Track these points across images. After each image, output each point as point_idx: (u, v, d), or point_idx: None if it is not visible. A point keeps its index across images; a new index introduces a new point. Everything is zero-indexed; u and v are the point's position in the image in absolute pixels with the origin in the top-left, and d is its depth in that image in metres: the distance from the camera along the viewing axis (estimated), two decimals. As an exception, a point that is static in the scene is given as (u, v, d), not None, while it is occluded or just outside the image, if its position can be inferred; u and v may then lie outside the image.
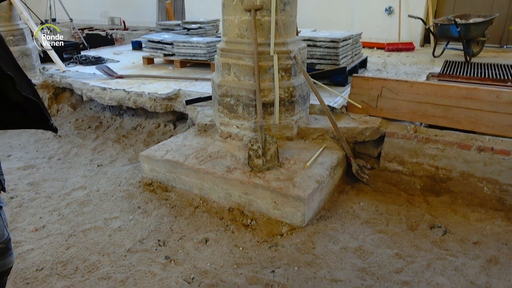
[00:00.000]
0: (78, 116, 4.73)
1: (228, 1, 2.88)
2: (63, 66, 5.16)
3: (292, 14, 2.93)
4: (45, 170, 3.51)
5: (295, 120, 3.06)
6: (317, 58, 4.06)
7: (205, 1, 7.98)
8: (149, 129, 4.25)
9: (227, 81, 3.01)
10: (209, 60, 4.85)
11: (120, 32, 9.25)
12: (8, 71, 1.23)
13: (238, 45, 2.91)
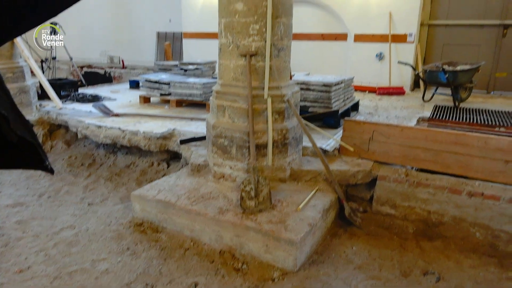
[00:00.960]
0: (72, 153, 4.73)
1: (225, 47, 2.99)
2: (59, 103, 5.22)
3: (286, 60, 3.04)
4: (34, 208, 3.45)
5: (288, 162, 3.09)
6: (310, 101, 4.16)
7: (202, 43, 8.25)
8: (142, 168, 4.25)
9: (221, 123, 3.06)
10: (204, 101, 4.95)
11: (119, 71, 9.47)
12: (3, 110, 1.25)
13: (233, 88, 2.99)
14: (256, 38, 2.85)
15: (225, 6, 2.91)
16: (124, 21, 10.08)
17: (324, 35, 7.08)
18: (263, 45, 2.86)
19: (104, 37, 10.45)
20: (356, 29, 6.71)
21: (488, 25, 6.16)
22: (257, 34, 2.84)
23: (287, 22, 2.96)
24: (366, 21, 6.59)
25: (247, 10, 2.81)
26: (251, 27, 2.83)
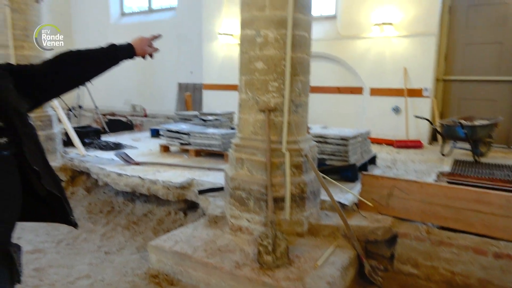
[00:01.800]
0: (91, 200, 4.81)
1: (245, 102, 3.11)
2: (83, 151, 5.41)
3: (304, 115, 3.13)
4: (52, 256, 3.48)
5: (306, 216, 3.07)
6: (327, 154, 4.20)
7: (220, 94, 8.55)
8: (159, 217, 4.27)
9: (240, 175, 3.11)
10: (223, 151, 5.04)
11: (140, 119, 9.80)
12: (35, 165, 1.32)
13: (252, 141, 3.07)
14: (275, 95, 2.96)
15: (245, 65, 3.07)
16: (148, 72, 10.59)
17: (340, 88, 7.27)
18: (281, 101, 2.96)
19: (128, 86, 10.96)
20: (372, 83, 6.88)
21: (503, 81, 6.23)
22: (276, 91, 2.96)
23: (304, 80, 3.08)
24: (381, 76, 6.76)
25: (267, 69, 2.95)
26: (270, 84, 2.96)
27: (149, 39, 1.75)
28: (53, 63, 1.50)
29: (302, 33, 2.94)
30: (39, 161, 1.34)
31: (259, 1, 2.86)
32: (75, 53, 1.56)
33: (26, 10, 5.11)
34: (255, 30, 2.92)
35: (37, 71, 1.46)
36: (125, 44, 1.67)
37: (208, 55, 8.71)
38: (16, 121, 1.24)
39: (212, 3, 8.41)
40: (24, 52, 5.14)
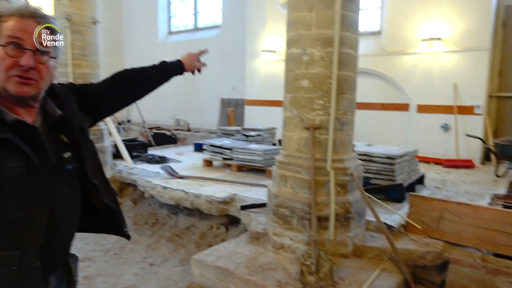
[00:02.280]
0: (138, 212, 4.98)
1: (289, 119, 3.12)
2: (131, 163, 5.64)
3: (349, 134, 3.08)
4: (100, 264, 3.62)
5: (350, 237, 3.00)
6: (372, 173, 4.09)
7: (262, 109, 8.63)
8: (202, 230, 4.33)
9: (283, 192, 3.10)
10: (265, 167, 5.06)
11: (184, 133, 10.09)
12: (94, 179, 1.37)
13: (296, 159, 3.06)
14: (320, 113, 2.95)
15: (291, 83, 3.09)
16: (192, 87, 10.93)
17: (385, 105, 7.10)
18: (326, 119, 2.94)
19: (173, 101, 11.36)
20: (419, 99, 6.66)
21: None
22: (321, 108, 2.95)
23: (351, 98, 3.05)
24: (429, 92, 6.54)
25: (312, 87, 2.95)
26: (316, 102, 2.95)
27: (197, 54, 1.82)
28: (110, 82, 1.59)
29: (349, 51, 2.93)
30: (98, 175, 1.41)
31: (305, 20, 2.89)
32: (130, 71, 1.65)
33: (84, 31, 5.48)
34: (301, 49, 2.94)
35: (96, 90, 1.55)
36: (175, 61, 1.75)
37: (251, 71, 8.87)
38: (79, 137, 1.33)
39: (255, 21, 8.59)
40: (81, 70, 5.50)
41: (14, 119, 1.13)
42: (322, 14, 2.81)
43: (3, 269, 1.09)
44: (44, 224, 1.15)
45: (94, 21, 5.60)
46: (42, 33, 1.16)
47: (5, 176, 1.08)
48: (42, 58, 1.16)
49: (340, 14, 2.78)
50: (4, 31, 1.12)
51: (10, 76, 1.12)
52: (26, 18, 1.14)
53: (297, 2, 2.95)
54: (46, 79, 1.19)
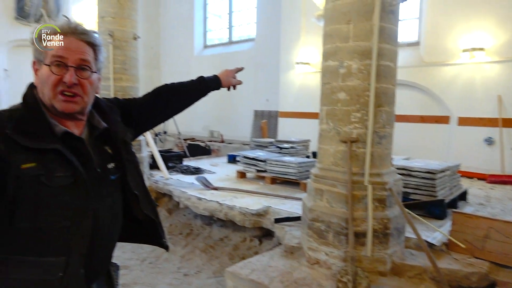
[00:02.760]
0: (172, 222, 5.07)
1: (325, 132, 3.08)
2: (167, 174, 5.76)
3: (388, 147, 3.00)
4: (136, 273, 3.69)
5: (389, 254, 2.89)
6: (411, 188, 3.95)
7: (296, 122, 8.60)
8: (235, 242, 4.33)
9: (318, 206, 3.05)
10: (299, 180, 5.02)
11: (217, 144, 10.22)
12: (136, 190, 1.40)
13: (332, 172, 3.01)
14: (357, 126, 2.90)
15: (327, 95, 3.06)
16: (226, 99, 11.06)
17: (424, 117, 6.88)
18: (364, 132, 2.88)
19: (207, 113, 11.55)
20: (460, 112, 6.40)
21: None
22: (358, 121, 2.89)
23: (389, 110, 2.98)
24: (471, 104, 6.27)
25: (349, 99, 2.91)
26: (353, 115, 2.90)
27: (233, 71, 1.88)
28: (151, 97, 1.65)
29: (388, 63, 2.87)
30: (139, 186, 1.44)
31: (342, 33, 2.87)
32: (170, 87, 1.71)
33: (126, 46, 5.72)
34: (338, 61, 2.91)
35: (139, 105, 1.61)
36: (212, 76, 1.81)
37: (284, 83, 8.89)
38: (122, 149, 1.37)
39: (289, 33, 8.64)
40: (122, 84, 5.73)
41: (63, 131, 1.19)
42: (360, 26, 2.78)
43: (50, 275, 1.13)
44: (88, 232, 1.19)
45: (135, 36, 5.84)
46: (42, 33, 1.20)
47: (53, 186, 1.13)
48: (85, 74, 1.21)
49: (378, 26, 2.74)
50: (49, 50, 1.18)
51: (56, 94, 1.18)
52: (68, 36, 1.19)
53: (334, 15, 2.94)
54: (89, 93, 1.24)
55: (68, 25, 1.20)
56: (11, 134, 1.10)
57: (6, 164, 1.08)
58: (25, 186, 1.09)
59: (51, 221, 1.13)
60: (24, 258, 1.12)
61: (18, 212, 1.10)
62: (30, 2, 10.24)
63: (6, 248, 1.12)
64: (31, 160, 1.10)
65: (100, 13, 5.74)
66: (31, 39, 1.21)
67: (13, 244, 1.12)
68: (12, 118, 1.13)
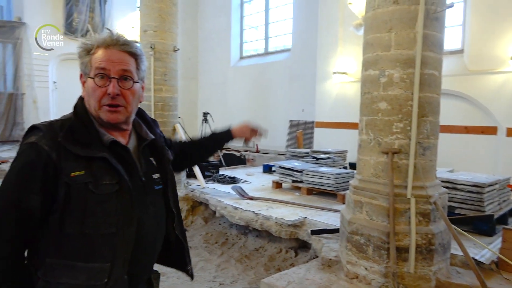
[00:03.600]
0: (208, 230, 5.11)
1: (365, 143, 3.01)
2: (203, 183, 5.84)
3: (432, 159, 2.88)
4: (173, 280, 3.73)
5: (433, 271, 2.75)
6: (456, 202, 3.76)
7: (332, 132, 8.47)
8: (270, 253, 4.29)
9: (358, 219, 2.96)
10: (336, 191, 4.92)
11: (253, 154, 10.25)
12: (174, 208, 1.43)
13: (373, 184, 2.92)
14: (399, 136, 2.80)
15: (367, 105, 2.99)
16: (261, 110, 11.14)
17: (469, 127, 6.55)
18: (406, 143, 2.78)
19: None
20: (509, 122, 6.04)
21: None
22: (400, 132, 2.80)
23: (434, 121, 2.86)
24: (521, 114, 5.91)
25: (391, 109, 2.82)
26: (395, 125, 2.81)
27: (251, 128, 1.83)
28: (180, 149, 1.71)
29: (431, 71, 2.77)
30: (176, 205, 1.47)
31: (384, 41, 2.80)
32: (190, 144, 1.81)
33: (166, 58, 5.91)
34: (379, 70, 2.84)
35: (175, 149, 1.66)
36: (225, 130, 1.82)
37: (321, 93, 8.80)
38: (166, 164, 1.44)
39: (327, 43, 8.58)
40: (162, 94, 5.91)
41: (110, 140, 1.23)
42: (403, 34, 2.71)
43: (95, 281, 1.17)
44: (132, 239, 1.22)
45: (175, 48, 6.02)
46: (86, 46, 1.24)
47: (99, 193, 1.17)
48: (127, 84, 1.25)
49: (422, 34, 2.65)
50: (93, 63, 1.23)
51: (101, 105, 1.23)
52: (110, 48, 1.23)
53: (374, 23, 2.89)
54: (132, 103, 1.28)
55: (110, 37, 1.24)
56: (62, 142, 1.15)
57: (58, 171, 1.13)
58: (74, 193, 1.14)
59: (97, 227, 1.17)
60: (72, 263, 1.16)
61: (67, 218, 1.15)
62: (77, 18, 10.86)
63: (56, 253, 1.16)
64: (80, 168, 1.15)
65: (143, 27, 5.97)
66: (78, 53, 1.27)
67: (62, 249, 1.16)
68: (63, 127, 1.19)
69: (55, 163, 1.13)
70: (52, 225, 1.15)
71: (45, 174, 1.12)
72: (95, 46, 1.23)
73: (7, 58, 10.04)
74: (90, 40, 1.25)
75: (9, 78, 10.16)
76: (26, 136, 1.19)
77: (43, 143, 1.14)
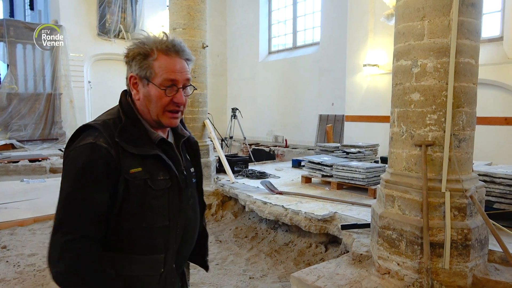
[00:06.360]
0: (238, 225, 5.15)
1: (397, 136, 2.93)
2: (233, 178, 5.89)
3: (468, 151, 2.76)
4: (204, 273, 3.79)
5: (469, 268, 2.65)
6: (495, 196, 3.60)
7: (363, 125, 8.31)
8: (300, 248, 4.28)
9: (390, 213, 2.90)
10: (366, 185, 4.83)
11: (282, 149, 10.23)
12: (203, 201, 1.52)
13: (405, 178, 2.84)
14: (433, 128, 2.71)
15: (399, 96, 2.91)
16: (290, 104, 11.09)
17: (509, 119, 6.23)
18: (441, 135, 2.69)
19: (271, 118, 11.65)
20: (553, 113, 5.71)
21: None
22: (434, 124, 2.70)
23: (470, 111, 2.74)
24: None
25: (424, 100, 2.73)
26: (428, 117, 2.72)
27: None
28: None
29: (468, 60, 2.65)
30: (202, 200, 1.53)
31: (416, 30, 2.71)
32: None
33: (195, 55, 5.98)
34: (411, 60, 2.75)
35: None
36: None
37: (351, 86, 8.65)
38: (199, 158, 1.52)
39: (357, 35, 8.40)
40: (191, 90, 5.98)
41: (160, 138, 1.29)
42: (436, 22, 2.61)
43: (154, 271, 1.24)
44: (181, 231, 1.30)
45: (203, 45, 6.08)
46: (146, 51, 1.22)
47: (157, 189, 1.23)
48: (188, 91, 1.29)
49: (457, 21, 2.54)
50: (158, 71, 1.21)
51: (165, 111, 1.26)
52: (172, 56, 1.23)
53: (406, 11, 2.79)
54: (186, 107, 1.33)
55: (171, 43, 1.23)
56: (119, 142, 1.19)
57: (118, 168, 1.17)
58: (133, 189, 1.19)
59: (153, 221, 1.23)
60: (133, 256, 1.21)
61: (125, 214, 1.19)
62: (110, 19, 11.21)
63: (114, 247, 1.21)
64: (137, 165, 1.20)
65: (172, 25, 6.07)
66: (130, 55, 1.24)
67: (121, 243, 1.21)
68: (116, 126, 1.22)
69: (115, 160, 1.17)
70: (111, 221, 1.19)
71: (108, 171, 1.16)
72: (155, 51, 1.22)
73: (45, 60, 10.53)
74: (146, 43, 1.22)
75: (48, 79, 10.66)
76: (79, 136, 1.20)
77: (101, 141, 1.17)
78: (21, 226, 4.85)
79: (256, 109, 11.96)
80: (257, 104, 12.08)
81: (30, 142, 10.22)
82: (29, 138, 10.27)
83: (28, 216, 5.05)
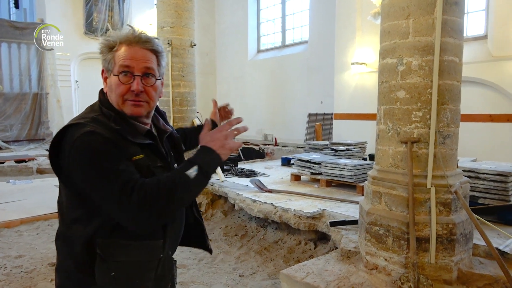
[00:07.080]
0: (228, 223, 5.16)
1: (383, 133, 2.96)
2: (222, 177, 5.89)
3: (453, 148, 2.81)
4: (194, 272, 3.80)
5: (454, 262, 2.70)
6: (479, 192, 3.67)
7: (351, 123, 8.39)
8: (289, 245, 4.31)
9: (377, 210, 2.93)
10: (355, 182, 4.88)
11: (271, 148, 10.26)
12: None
13: (391, 174, 2.88)
14: (418, 125, 2.75)
15: (385, 94, 2.95)
16: (279, 103, 11.13)
17: (493, 116, 6.36)
18: (426, 132, 2.73)
19: (261, 117, 11.68)
20: (536, 110, 5.84)
21: None
22: (419, 121, 2.74)
23: (454, 108, 2.79)
24: (549, 101, 5.69)
25: (409, 98, 2.77)
26: (413, 114, 2.76)
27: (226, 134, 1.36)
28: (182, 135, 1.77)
29: (451, 58, 2.70)
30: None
31: (401, 28, 2.75)
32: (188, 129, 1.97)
33: (183, 54, 5.97)
34: (397, 58, 2.79)
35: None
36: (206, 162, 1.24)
37: (339, 85, 8.72)
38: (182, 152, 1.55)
39: (345, 34, 8.47)
40: (180, 90, 5.98)
41: (146, 130, 1.31)
42: (421, 20, 2.65)
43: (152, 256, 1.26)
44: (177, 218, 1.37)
45: (192, 44, 6.07)
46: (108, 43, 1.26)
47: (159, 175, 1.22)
48: (149, 81, 1.28)
49: (441, 19, 2.58)
50: (116, 60, 1.25)
51: (125, 100, 1.26)
52: (133, 45, 1.25)
53: (391, 10, 2.83)
54: (154, 98, 1.32)
55: (132, 34, 1.27)
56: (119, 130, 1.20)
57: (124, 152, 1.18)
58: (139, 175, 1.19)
59: None
60: (129, 242, 1.22)
61: None
62: (97, 17, 11.09)
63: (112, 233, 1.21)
64: (139, 152, 1.22)
65: (160, 23, 6.05)
66: (100, 49, 1.29)
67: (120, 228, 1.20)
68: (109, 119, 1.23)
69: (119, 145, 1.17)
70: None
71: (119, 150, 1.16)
72: (118, 43, 1.25)
73: (31, 59, 10.37)
74: (112, 36, 1.27)
75: (34, 78, 10.50)
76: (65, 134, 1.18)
77: (99, 130, 1.16)
78: (7, 227, 4.79)
79: (245, 107, 11.97)
80: (246, 102, 12.09)
81: (16, 143, 10.07)
82: (15, 138, 10.12)
83: (15, 218, 4.99)
